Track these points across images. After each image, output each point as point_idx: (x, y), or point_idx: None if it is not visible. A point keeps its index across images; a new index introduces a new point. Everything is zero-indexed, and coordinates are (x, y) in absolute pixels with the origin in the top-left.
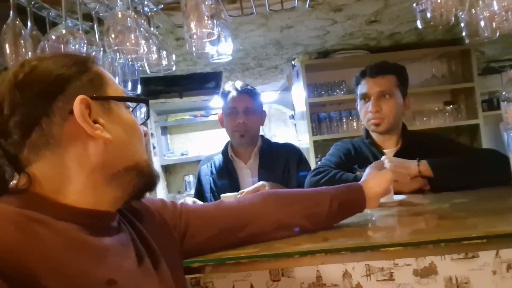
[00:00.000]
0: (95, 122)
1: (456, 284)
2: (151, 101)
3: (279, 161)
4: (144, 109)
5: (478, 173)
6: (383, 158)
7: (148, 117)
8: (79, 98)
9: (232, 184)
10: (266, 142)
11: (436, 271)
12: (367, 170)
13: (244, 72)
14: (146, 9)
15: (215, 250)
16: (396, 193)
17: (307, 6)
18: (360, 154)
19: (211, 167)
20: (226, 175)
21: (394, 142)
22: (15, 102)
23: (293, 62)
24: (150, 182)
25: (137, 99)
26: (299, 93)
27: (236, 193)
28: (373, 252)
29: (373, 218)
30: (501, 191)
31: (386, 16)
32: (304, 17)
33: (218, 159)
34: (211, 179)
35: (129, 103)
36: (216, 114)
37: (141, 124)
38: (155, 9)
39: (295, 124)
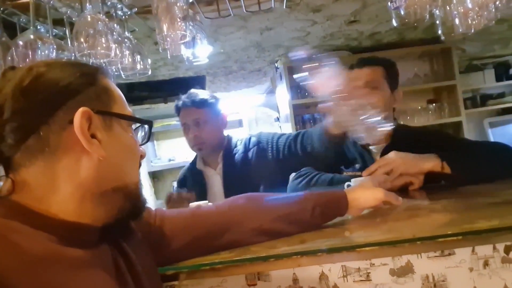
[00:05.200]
0: (93, 136)
1: (433, 282)
2: (135, 107)
3: (246, 155)
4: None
5: (495, 163)
6: (390, 154)
7: (148, 139)
8: (81, 110)
9: (201, 194)
10: (229, 142)
11: (412, 270)
12: (365, 181)
13: (228, 75)
14: (119, 12)
15: (192, 257)
16: None
17: (284, 7)
18: (347, 153)
19: (182, 180)
20: (197, 187)
21: (384, 138)
22: (16, 108)
23: (276, 64)
24: (136, 207)
25: (141, 120)
26: (283, 95)
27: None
28: (349, 252)
29: (352, 218)
30: (483, 187)
31: (365, 16)
32: (283, 18)
33: (188, 171)
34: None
35: (133, 123)
36: None
37: (140, 145)
38: (128, 13)
39: (280, 127)
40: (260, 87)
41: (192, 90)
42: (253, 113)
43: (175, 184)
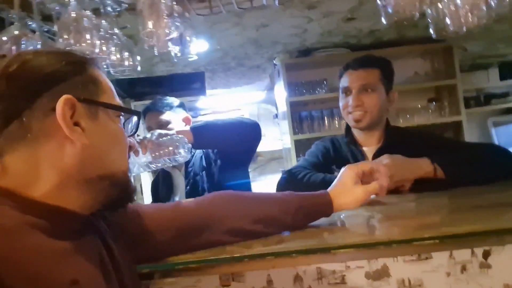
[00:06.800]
0: (77, 124)
1: (409, 287)
2: (137, 103)
3: (204, 154)
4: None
5: (489, 166)
6: (383, 157)
7: (136, 130)
8: (64, 97)
9: (168, 196)
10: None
11: (388, 274)
12: (343, 172)
13: (226, 72)
14: (109, 9)
15: (169, 255)
16: None
17: (276, 4)
18: (339, 153)
19: (156, 180)
20: (164, 189)
21: (377, 139)
22: (0, 92)
23: (274, 61)
24: (124, 194)
25: (128, 110)
26: (281, 92)
27: None
28: (325, 254)
29: (334, 219)
30: (475, 189)
31: (363, 13)
32: (278, 15)
33: (161, 172)
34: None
35: (122, 115)
36: (206, 114)
37: (129, 136)
38: (118, 9)
39: (278, 124)
40: (260, 83)
41: (158, 97)
42: (255, 109)
43: None
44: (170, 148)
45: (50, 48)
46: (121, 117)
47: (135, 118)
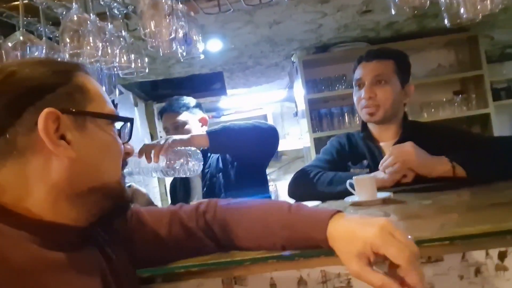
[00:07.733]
0: (63, 137)
1: None
2: (158, 105)
3: (219, 158)
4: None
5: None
6: (407, 146)
7: (130, 137)
8: (46, 111)
9: (185, 198)
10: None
11: None
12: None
13: (245, 71)
14: (115, 11)
15: (168, 262)
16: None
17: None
18: (355, 149)
19: (173, 183)
20: (181, 191)
21: (393, 133)
22: None
23: (292, 58)
24: (119, 205)
25: (118, 118)
26: (300, 90)
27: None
28: (328, 257)
29: None
30: (496, 185)
31: (378, 5)
32: (291, 11)
33: None
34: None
35: (115, 121)
36: (229, 114)
37: (124, 143)
38: (125, 11)
39: (298, 121)
40: (281, 82)
41: (175, 97)
42: (278, 108)
43: None
44: (181, 160)
45: (35, 58)
46: (115, 124)
47: (128, 125)
